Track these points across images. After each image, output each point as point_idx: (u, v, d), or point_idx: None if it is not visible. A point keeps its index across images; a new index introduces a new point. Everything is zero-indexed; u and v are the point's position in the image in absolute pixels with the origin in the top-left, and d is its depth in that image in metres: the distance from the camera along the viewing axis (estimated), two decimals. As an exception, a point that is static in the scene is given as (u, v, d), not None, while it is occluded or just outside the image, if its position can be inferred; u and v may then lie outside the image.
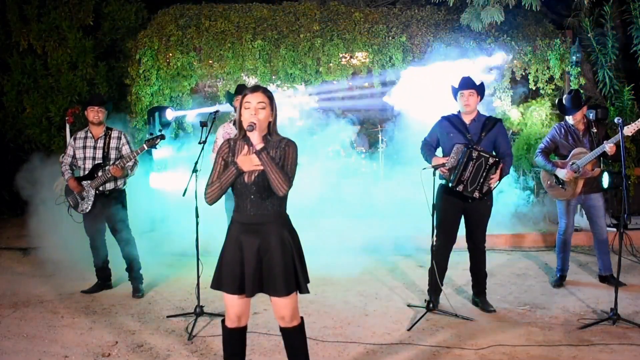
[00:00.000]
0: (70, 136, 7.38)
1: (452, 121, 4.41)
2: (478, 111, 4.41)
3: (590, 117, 4.22)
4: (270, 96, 2.71)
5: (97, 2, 8.74)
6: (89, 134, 4.94)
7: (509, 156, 4.36)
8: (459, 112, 4.44)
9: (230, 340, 2.82)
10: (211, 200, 2.70)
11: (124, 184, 5.01)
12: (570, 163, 4.71)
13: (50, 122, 8.48)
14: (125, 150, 4.93)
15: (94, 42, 8.64)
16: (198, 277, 4.17)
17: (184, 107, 7.98)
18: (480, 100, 4.39)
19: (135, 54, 7.66)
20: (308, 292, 2.76)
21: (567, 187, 4.77)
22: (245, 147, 2.70)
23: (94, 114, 4.87)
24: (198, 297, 4.21)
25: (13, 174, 6.71)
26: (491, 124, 4.37)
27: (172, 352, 3.66)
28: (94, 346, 3.75)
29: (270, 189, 2.63)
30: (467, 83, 4.35)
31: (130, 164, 4.86)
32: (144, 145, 4.77)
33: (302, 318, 2.84)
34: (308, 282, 2.78)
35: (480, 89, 4.37)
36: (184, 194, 4.12)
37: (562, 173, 4.75)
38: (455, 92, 4.43)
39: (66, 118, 7.45)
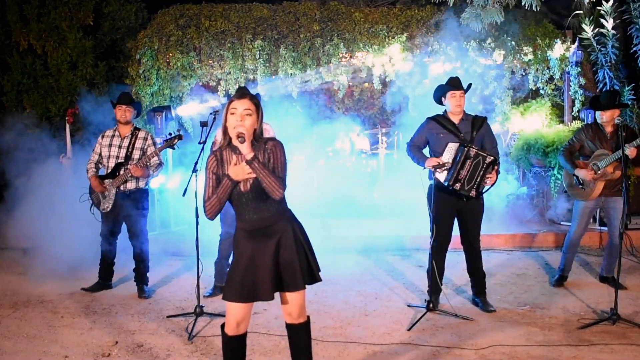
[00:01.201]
0: (71, 136, 7.42)
1: (441, 121, 4.34)
2: (464, 110, 4.38)
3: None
4: (256, 103, 2.70)
5: (97, 2, 8.74)
6: (117, 133, 4.92)
7: (496, 155, 4.32)
8: (445, 112, 4.40)
9: (230, 347, 2.80)
10: (211, 214, 2.68)
11: (147, 184, 4.95)
12: (592, 164, 4.68)
13: (50, 122, 8.47)
14: (151, 151, 4.88)
15: (94, 42, 8.64)
16: (198, 277, 4.17)
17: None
18: None
19: (135, 54, 7.66)
20: (321, 280, 2.80)
21: (587, 187, 4.74)
22: (234, 156, 2.68)
23: (121, 112, 4.84)
24: (198, 297, 4.20)
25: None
26: (479, 122, 4.35)
27: (172, 352, 3.65)
28: (94, 346, 3.75)
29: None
30: (459, 83, 4.32)
31: (153, 163, 4.84)
32: (163, 145, 4.75)
33: (308, 317, 2.85)
34: (320, 270, 2.82)
35: (466, 91, 4.35)
36: (184, 194, 4.12)
37: (582, 173, 4.71)
38: (443, 91, 4.35)
39: (66, 118, 7.45)
